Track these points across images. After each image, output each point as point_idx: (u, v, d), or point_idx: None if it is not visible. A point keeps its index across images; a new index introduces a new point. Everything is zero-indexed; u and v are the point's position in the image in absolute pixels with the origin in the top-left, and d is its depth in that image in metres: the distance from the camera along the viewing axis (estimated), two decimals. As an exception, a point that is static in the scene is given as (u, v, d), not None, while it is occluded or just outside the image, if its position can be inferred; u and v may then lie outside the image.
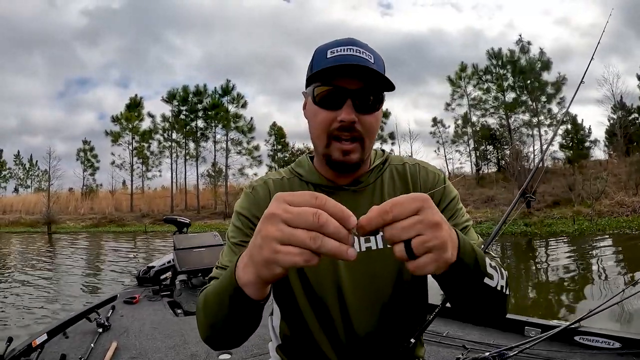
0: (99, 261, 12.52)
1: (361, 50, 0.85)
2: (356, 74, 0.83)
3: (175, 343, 2.79)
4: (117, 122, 33.06)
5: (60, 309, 6.14)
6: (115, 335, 2.88)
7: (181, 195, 32.15)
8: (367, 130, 0.87)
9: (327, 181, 0.95)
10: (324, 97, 0.86)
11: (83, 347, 2.66)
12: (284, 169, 1.04)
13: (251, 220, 0.92)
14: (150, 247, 15.70)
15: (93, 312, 3.17)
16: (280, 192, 0.91)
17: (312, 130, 0.92)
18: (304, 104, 0.96)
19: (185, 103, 31.84)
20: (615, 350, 2.01)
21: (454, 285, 0.69)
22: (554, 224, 14.76)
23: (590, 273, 7.59)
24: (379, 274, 0.90)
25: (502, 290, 0.74)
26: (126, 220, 28.63)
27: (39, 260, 12.50)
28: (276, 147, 32.48)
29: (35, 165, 40.58)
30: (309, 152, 1.05)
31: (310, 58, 0.92)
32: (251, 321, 0.71)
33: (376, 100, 0.86)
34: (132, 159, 33.24)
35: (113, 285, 7.71)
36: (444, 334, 2.51)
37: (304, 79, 0.91)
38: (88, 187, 35.72)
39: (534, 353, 2.07)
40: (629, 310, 4.47)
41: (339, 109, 0.84)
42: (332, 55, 0.84)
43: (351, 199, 0.92)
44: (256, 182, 1.00)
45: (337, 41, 0.88)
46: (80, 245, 17.50)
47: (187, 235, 4.76)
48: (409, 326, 0.95)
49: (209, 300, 0.75)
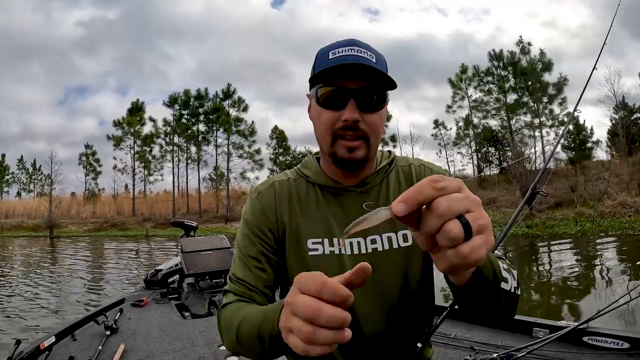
0: (102, 266, 12.52)
1: (362, 50, 0.86)
2: (358, 73, 0.84)
3: (183, 345, 2.79)
4: (119, 126, 33.14)
5: (62, 311, 6.16)
6: (123, 338, 2.89)
7: (183, 199, 32.12)
8: (371, 129, 0.87)
9: (334, 182, 0.95)
10: (327, 98, 0.86)
11: (91, 349, 2.67)
12: (290, 170, 1.04)
13: (258, 230, 0.93)
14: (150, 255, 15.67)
15: (101, 315, 3.18)
16: (288, 195, 0.97)
17: (317, 130, 0.92)
18: (308, 107, 0.96)
19: (187, 107, 31.91)
20: (625, 350, 2.01)
21: (471, 290, 0.66)
22: (556, 226, 14.71)
23: (593, 274, 7.58)
24: (385, 276, 0.90)
25: (515, 291, 0.75)
26: (128, 224, 28.65)
27: (40, 265, 12.50)
28: (278, 151, 32.50)
29: (38, 170, 40.64)
30: (315, 153, 1.05)
31: (312, 62, 0.92)
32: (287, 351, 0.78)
33: (379, 99, 0.87)
34: (134, 163, 33.29)
35: (114, 288, 7.73)
36: (451, 335, 2.51)
37: (298, 84, 0.94)
38: (90, 191, 35.75)
39: (542, 354, 2.07)
40: (637, 311, 4.46)
41: (343, 109, 0.85)
42: (333, 57, 0.85)
43: (357, 200, 0.93)
44: (262, 186, 1.00)
45: (338, 42, 0.89)
46: (82, 250, 17.51)
47: (194, 239, 4.76)
48: (417, 327, 0.95)
49: (244, 329, 0.78)
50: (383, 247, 0.90)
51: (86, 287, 8.58)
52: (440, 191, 0.43)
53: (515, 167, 18.45)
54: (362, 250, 0.90)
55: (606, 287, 6.43)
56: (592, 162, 23.98)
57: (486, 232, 0.44)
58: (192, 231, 5.04)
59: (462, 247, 0.43)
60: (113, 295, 6.92)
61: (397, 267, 0.90)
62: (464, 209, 0.43)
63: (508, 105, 26.46)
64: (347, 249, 0.90)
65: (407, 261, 0.90)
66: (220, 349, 2.69)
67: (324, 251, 0.90)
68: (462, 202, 0.44)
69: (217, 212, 29.17)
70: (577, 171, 20.74)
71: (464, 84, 28.36)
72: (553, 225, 14.95)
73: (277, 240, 0.94)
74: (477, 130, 28.65)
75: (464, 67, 28.35)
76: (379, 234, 0.91)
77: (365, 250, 0.90)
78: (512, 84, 26.33)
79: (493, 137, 28.22)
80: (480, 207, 0.45)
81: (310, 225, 0.93)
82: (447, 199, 0.43)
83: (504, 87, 26.58)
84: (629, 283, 6.50)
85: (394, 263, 0.90)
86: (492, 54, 27.12)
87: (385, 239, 0.91)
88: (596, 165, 23.14)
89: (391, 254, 0.90)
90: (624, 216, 14.65)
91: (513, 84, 26.30)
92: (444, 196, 0.43)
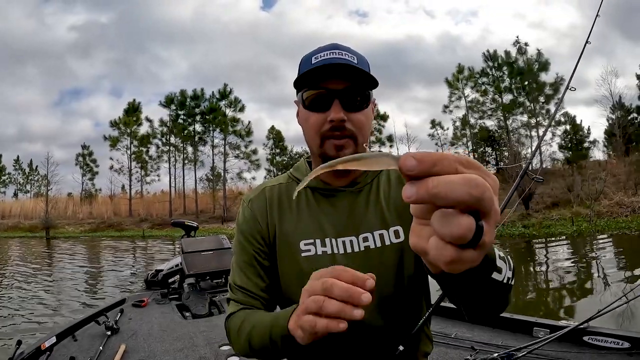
0: (99, 267, 12.48)
1: (344, 53, 0.89)
2: (341, 74, 0.87)
3: (184, 345, 2.80)
4: (116, 126, 33.05)
5: (59, 313, 6.15)
6: (123, 338, 2.89)
7: (180, 200, 32.06)
8: (357, 128, 0.89)
9: (324, 184, 0.97)
10: (312, 100, 0.89)
11: (92, 349, 2.67)
12: (282, 175, 1.06)
13: (252, 237, 0.97)
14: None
15: (102, 315, 3.18)
16: (278, 199, 0.99)
17: (306, 133, 0.94)
18: (297, 112, 0.99)
19: (183, 107, 31.84)
20: (625, 350, 2.03)
21: (459, 281, 0.58)
22: (553, 226, 14.77)
23: (590, 274, 7.61)
24: (379, 273, 0.90)
25: (508, 282, 0.67)
26: (125, 225, 28.58)
27: (37, 267, 12.45)
28: (274, 151, 32.49)
29: (35, 170, 40.41)
30: (307, 156, 1.07)
31: (298, 67, 0.95)
32: (301, 354, 0.79)
33: (363, 99, 0.89)
34: (131, 163, 33.22)
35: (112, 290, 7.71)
36: (452, 335, 2.52)
37: (289, 85, 0.95)
38: (87, 192, 35.61)
39: (543, 354, 2.08)
40: (635, 311, 4.49)
41: (328, 110, 0.87)
42: (316, 61, 0.88)
43: (349, 200, 0.94)
44: (253, 193, 1.02)
45: (320, 47, 0.92)
46: (78, 251, 17.45)
47: (195, 239, 4.76)
48: (413, 323, 0.97)
49: (254, 334, 0.82)
50: (375, 244, 0.91)
51: (83, 288, 8.55)
52: (471, 170, 0.35)
53: (513, 167, 18.48)
54: (355, 248, 0.91)
55: (604, 288, 6.45)
56: (589, 162, 24.08)
57: (481, 251, 0.36)
58: (192, 231, 5.04)
59: (451, 249, 0.35)
60: (110, 296, 6.92)
61: (391, 263, 0.90)
62: (487, 210, 0.34)
63: (504, 105, 26.54)
64: (340, 248, 0.91)
65: (400, 257, 0.91)
66: (222, 349, 2.70)
67: (317, 251, 0.91)
68: (492, 205, 0.35)
69: (214, 213, 29.14)
70: (574, 171, 20.81)
71: (461, 84, 28.44)
72: (550, 225, 15.01)
73: (269, 245, 0.96)
74: (474, 130, 28.73)
75: (461, 67, 28.45)
76: (370, 232, 0.92)
77: (358, 249, 0.91)
78: (508, 84, 26.40)
79: (490, 137, 28.31)
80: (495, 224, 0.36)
81: (302, 226, 0.95)
82: (487, 189, 0.34)
83: (499, 87, 26.65)
84: (625, 283, 6.53)
85: (388, 260, 0.90)
86: (486, 55, 27.22)
87: (377, 237, 0.91)
88: (593, 165, 23.26)
89: (384, 251, 0.90)
90: (620, 216, 14.74)
91: (508, 84, 26.37)
92: (482, 177, 0.34)
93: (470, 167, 0.35)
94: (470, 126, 28.67)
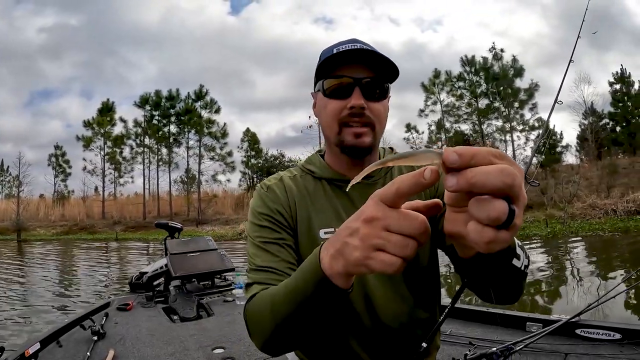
0: (72, 271, 12.11)
1: (365, 44, 0.92)
2: (363, 60, 0.89)
3: (175, 349, 2.72)
4: (89, 126, 32.13)
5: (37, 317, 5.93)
6: (111, 343, 2.79)
7: (154, 202, 31.38)
8: (376, 117, 0.91)
9: (340, 175, 0.98)
10: (334, 89, 0.91)
11: (79, 355, 2.57)
12: (294, 168, 1.06)
13: (273, 218, 0.93)
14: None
15: (87, 320, 3.06)
16: (296, 188, 0.98)
17: (323, 121, 0.95)
18: (313, 104, 1.01)
19: (158, 108, 31.22)
20: (617, 341, 2.09)
21: (485, 264, 0.65)
22: (527, 228, 15.09)
23: (565, 275, 7.83)
24: None
25: (525, 269, 0.75)
26: (98, 227, 27.81)
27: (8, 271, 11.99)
28: (250, 153, 32.24)
29: (6, 171, 38.92)
30: (318, 151, 1.08)
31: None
32: (332, 314, 0.67)
33: (383, 91, 0.92)
34: (104, 164, 32.34)
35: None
36: (447, 332, 2.54)
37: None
38: (59, 193, 34.49)
39: (538, 347, 2.14)
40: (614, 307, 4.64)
41: (349, 97, 0.89)
42: (338, 51, 0.89)
43: (364, 192, 0.94)
44: (270, 181, 1.01)
45: (341, 42, 0.94)
46: (51, 254, 16.89)
47: (180, 240, 4.66)
48: (432, 312, 0.99)
49: (278, 300, 0.71)
50: None
51: (58, 292, 8.26)
52: (503, 161, 0.40)
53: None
54: None
55: (578, 286, 6.67)
56: (562, 166, 24.79)
57: (513, 232, 0.40)
58: (176, 232, 4.94)
59: (489, 230, 0.39)
60: (85, 301, 6.73)
61: None
62: (517, 195, 0.40)
63: (480, 110, 27.09)
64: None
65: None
66: (215, 352, 2.64)
67: None
68: (521, 191, 0.40)
69: (188, 215, 28.57)
70: (547, 174, 21.40)
71: (437, 88, 28.88)
72: (524, 227, 15.29)
73: (292, 229, 0.95)
74: (449, 134, 29.20)
75: (437, 71, 28.89)
76: None
77: None
78: (484, 89, 26.96)
79: (465, 141, 28.82)
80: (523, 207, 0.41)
81: (321, 216, 0.95)
82: (516, 177, 0.39)
83: (475, 92, 27.20)
84: (599, 282, 6.76)
85: None
86: (464, 60, 27.74)
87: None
88: (566, 168, 23.96)
89: None
90: (593, 218, 15.28)
91: (485, 89, 26.94)
92: (513, 168, 0.39)
93: (501, 159, 0.40)
94: (445, 130, 29.13)
